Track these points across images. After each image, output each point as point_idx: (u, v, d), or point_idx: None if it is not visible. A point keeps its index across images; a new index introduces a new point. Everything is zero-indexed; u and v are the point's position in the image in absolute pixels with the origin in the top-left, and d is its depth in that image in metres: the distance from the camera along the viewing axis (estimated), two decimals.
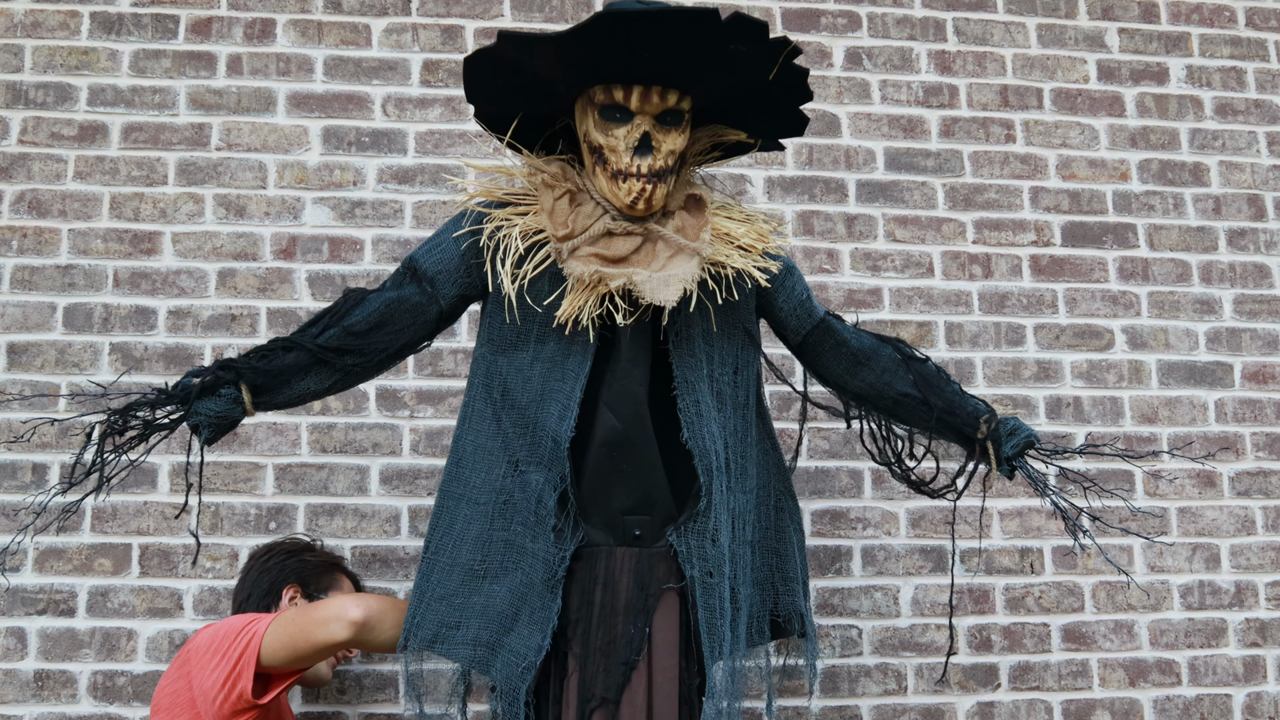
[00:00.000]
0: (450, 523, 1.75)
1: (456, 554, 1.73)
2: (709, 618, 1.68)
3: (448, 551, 1.74)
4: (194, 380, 1.71)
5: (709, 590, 1.69)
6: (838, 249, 2.71)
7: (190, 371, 1.73)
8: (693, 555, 1.69)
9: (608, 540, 1.72)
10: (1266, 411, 2.74)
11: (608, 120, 1.73)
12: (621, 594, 1.68)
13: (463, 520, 1.74)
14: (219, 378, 1.71)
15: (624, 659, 1.65)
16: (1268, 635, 2.62)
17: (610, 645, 1.66)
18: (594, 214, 1.75)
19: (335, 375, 1.79)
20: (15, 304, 2.47)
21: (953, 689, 2.50)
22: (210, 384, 1.70)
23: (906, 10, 2.85)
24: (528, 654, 1.64)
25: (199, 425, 1.70)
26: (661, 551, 1.72)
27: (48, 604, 2.34)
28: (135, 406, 1.71)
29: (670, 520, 1.73)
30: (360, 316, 1.79)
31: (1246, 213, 2.85)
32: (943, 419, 1.89)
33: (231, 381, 1.71)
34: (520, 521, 1.71)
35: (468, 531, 1.74)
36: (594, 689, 1.64)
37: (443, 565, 1.74)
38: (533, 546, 1.69)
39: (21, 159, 2.54)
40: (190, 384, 1.71)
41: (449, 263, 1.82)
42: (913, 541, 2.57)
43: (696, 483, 1.73)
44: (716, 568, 1.69)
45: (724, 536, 1.72)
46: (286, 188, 2.58)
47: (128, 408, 1.71)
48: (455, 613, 1.70)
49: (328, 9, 2.68)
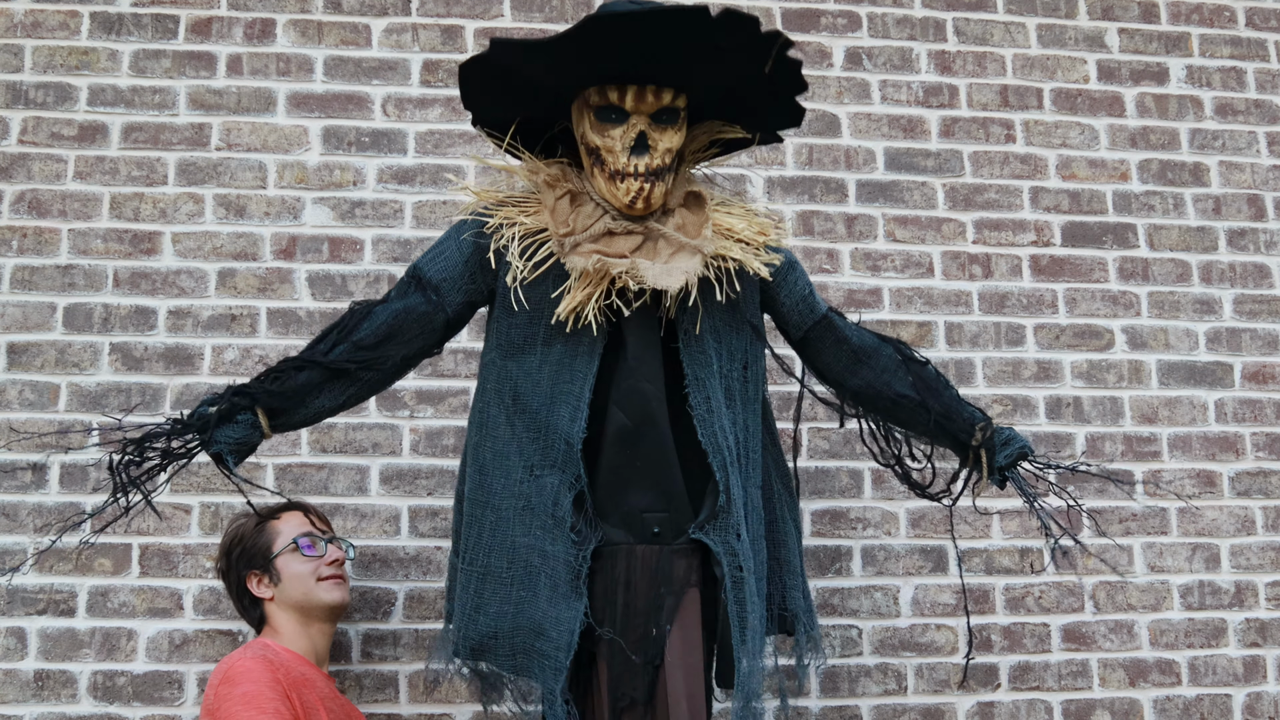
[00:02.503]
0: (480, 531, 1.76)
1: (489, 562, 1.73)
2: (741, 613, 1.68)
3: (480, 560, 1.74)
4: (210, 409, 1.71)
5: (739, 585, 1.69)
6: (838, 249, 2.71)
7: (205, 400, 1.73)
8: (722, 552, 1.69)
9: (627, 538, 1.72)
10: (1266, 411, 2.74)
11: (603, 121, 1.73)
12: (643, 594, 1.69)
13: (490, 527, 1.75)
14: (235, 404, 1.71)
15: (649, 658, 1.66)
16: (1268, 635, 2.62)
17: (636, 645, 1.66)
18: (594, 214, 1.76)
19: (350, 390, 1.79)
20: (15, 304, 2.47)
21: (953, 689, 2.50)
22: (227, 411, 1.70)
23: (906, 10, 2.85)
24: (557, 655, 1.64)
25: (220, 454, 1.70)
26: (681, 549, 1.72)
27: (48, 604, 2.34)
28: (152, 437, 1.71)
29: (687, 517, 1.74)
30: (368, 330, 1.79)
31: (1246, 213, 2.85)
32: (939, 423, 1.89)
33: (247, 407, 1.71)
34: (539, 525, 1.71)
35: (495, 539, 1.74)
36: (623, 689, 1.65)
37: (477, 574, 1.74)
38: (553, 549, 1.69)
39: (21, 159, 2.54)
40: (207, 413, 1.70)
41: (453, 269, 1.82)
42: (913, 541, 2.57)
43: (713, 479, 1.73)
44: (745, 563, 1.70)
45: (745, 531, 1.73)
46: (286, 188, 2.58)
47: (144, 438, 1.70)
48: (492, 622, 1.70)
49: (328, 9, 2.68)
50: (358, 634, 2.38)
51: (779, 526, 1.89)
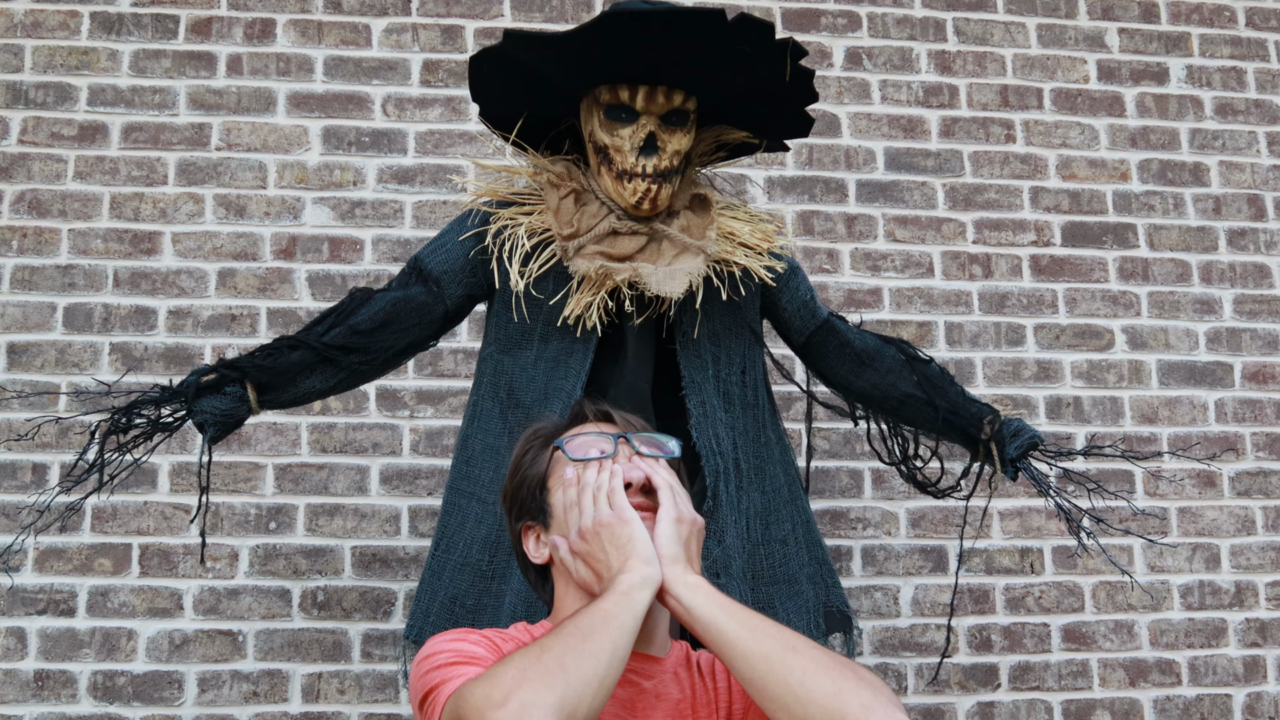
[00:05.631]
0: (461, 521, 1.75)
1: (467, 553, 1.73)
2: None
3: (459, 550, 1.74)
4: (198, 378, 1.71)
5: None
6: (838, 249, 2.71)
7: (195, 370, 1.73)
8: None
9: None
10: (1266, 411, 2.74)
11: (613, 120, 1.73)
12: None
13: (473, 519, 1.74)
14: (224, 376, 1.70)
15: None
16: (1268, 635, 2.62)
17: None
18: (599, 213, 1.75)
19: (340, 374, 1.79)
20: (15, 304, 2.47)
21: (953, 689, 2.50)
22: (215, 382, 1.70)
23: (906, 10, 2.85)
24: None
25: (204, 424, 1.69)
26: None
27: (48, 604, 2.33)
28: (139, 404, 1.70)
29: None
30: (366, 316, 1.79)
31: (1246, 213, 2.85)
32: (948, 420, 1.89)
33: (236, 380, 1.71)
34: None
35: (478, 531, 1.74)
36: None
37: (454, 564, 1.73)
38: None
39: (21, 159, 2.54)
40: (194, 382, 1.70)
41: (454, 263, 1.82)
42: (913, 541, 2.57)
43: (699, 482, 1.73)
44: (723, 568, 1.69)
45: (731, 537, 1.72)
46: (286, 188, 2.58)
47: (131, 405, 1.70)
48: (468, 615, 1.70)
49: (328, 9, 2.68)
50: (358, 634, 2.38)
51: (814, 527, 1.89)
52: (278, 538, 2.40)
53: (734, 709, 1.22)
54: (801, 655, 1.08)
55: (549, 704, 1.00)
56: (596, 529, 1.17)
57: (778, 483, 1.83)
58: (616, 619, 1.09)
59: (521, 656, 1.05)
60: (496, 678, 1.02)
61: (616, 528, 1.16)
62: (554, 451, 1.26)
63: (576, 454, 1.24)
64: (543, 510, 1.25)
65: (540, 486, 1.26)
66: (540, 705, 0.99)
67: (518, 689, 1.00)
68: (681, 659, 1.25)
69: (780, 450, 1.88)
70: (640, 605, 1.11)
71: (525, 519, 1.28)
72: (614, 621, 1.08)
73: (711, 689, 1.23)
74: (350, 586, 2.40)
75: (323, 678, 2.36)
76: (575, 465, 1.23)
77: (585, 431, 1.27)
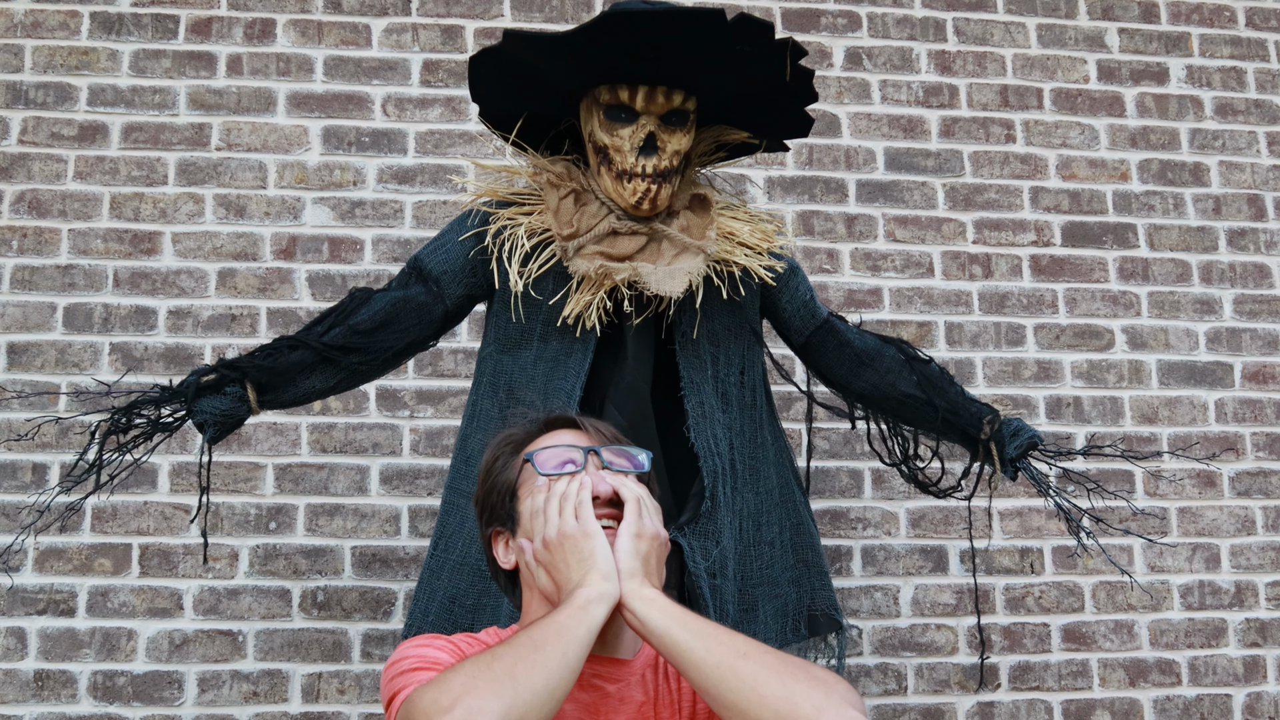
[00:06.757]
0: (460, 521, 1.75)
1: (466, 553, 1.73)
2: (715, 618, 1.67)
3: (458, 550, 1.74)
4: (198, 378, 1.71)
5: (715, 592, 1.69)
6: (838, 249, 2.71)
7: (195, 370, 1.73)
8: (696, 554, 1.69)
9: None
10: (1266, 411, 2.74)
11: (613, 120, 1.73)
12: None
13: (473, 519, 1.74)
14: (224, 376, 1.70)
15: None
16: (1268, 635, 2.62)
17: None
18: (599, 213, 1.75)
19: (340, 374, 1.79)
20: (15, 304, 2.47)
21: (953, 689, 2.50)
22: (215, 382, 1.70)
23: (906, 10, 2.85)
24: None
25: (204, 424, 1.69)
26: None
27: (48, 604, 2.33)
28: (139, 405, 1.70)
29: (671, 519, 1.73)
30: (366, 315, 1.79)
31: (1246, 213, 2.85)
32: (947, 420, 1.89)
33: (236, 380, 1.71)
34: None
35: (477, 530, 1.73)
36: None
37: (453, 564, 1.73)
38: None
39: (21, 159, 2.54)
40: (194, 382, 1.70)
41: (454, 262, 1.82)
42: (913, 541, 2.57)
43: (698, 482, 1.73)
44: (720, 569, 1.69)
45: (727, 538, 1.72)
46: (286, 188, 2.58)
47: (131, 405, 1.70)
48: (467, 614, 1.70)
49: (328, 9, 2.68)
50: (358, 634, 2.38)
51: (805, 529, 1.88)
52: (278, 538, 2.40)
53: (697, 711, 1.23)
54: (753, 661, 1.09)
55: (495, 711, 1.01)
56: (560, 540, 1.18)
57: (770, 485, 1.83)
58: (570, 631, 1.10)
59: (473, 664, 1.06)
60: (446, 683, 1.04)
61: (580, 540, 1.17)
62: (524, 464, 1.28)
63: (545, 468, 1.25)
64: (511, 517, 1.27)
65: (510, 494, 1.28)
66: (486, 712, 1.01)
67: (465, 695, 1.02)
68: (649, 660, 1.27)
69: (776, 452, 1.88)
70: (595, 620, 1.12)
71: (495, 524, 1.30)
72: (567, 634, 1.09)
73: (675, 690, 1.25)
74: (350, 586, 2.40)
75: (323, 678, 2.36)
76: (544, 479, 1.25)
77: (555, 443, 1.28)
